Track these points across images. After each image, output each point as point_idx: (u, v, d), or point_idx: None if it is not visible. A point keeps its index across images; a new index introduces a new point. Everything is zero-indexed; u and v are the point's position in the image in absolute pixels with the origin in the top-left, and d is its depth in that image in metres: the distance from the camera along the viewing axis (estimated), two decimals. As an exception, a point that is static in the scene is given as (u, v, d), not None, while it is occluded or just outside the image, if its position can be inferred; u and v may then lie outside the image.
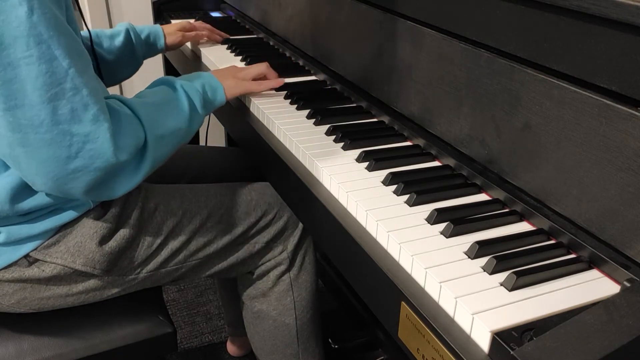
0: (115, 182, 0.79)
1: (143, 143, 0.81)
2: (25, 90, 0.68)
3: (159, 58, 1.95)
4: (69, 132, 0.71)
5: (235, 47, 1.39)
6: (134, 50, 1.26)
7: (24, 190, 0.81)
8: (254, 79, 1.10)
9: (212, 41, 1.45)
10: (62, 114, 0.70)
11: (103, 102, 0.75)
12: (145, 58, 1.31)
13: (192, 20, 1.43)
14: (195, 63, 1.39)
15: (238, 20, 1.68)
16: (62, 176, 0.73)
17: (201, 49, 1.40)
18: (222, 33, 1.48)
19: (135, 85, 2.17)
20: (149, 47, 1.31)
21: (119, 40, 1.23)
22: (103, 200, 0.85)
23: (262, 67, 1.11)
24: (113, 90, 2.16)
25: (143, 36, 1.28)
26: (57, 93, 0.70)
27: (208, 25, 1.45)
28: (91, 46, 1.12)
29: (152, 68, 2.06)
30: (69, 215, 0.86)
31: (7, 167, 0.80)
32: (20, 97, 0.69)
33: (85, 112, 0.72)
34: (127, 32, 1.24)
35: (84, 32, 1.13)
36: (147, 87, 0.95)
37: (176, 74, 1.60)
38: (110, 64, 1.22)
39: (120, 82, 1.31)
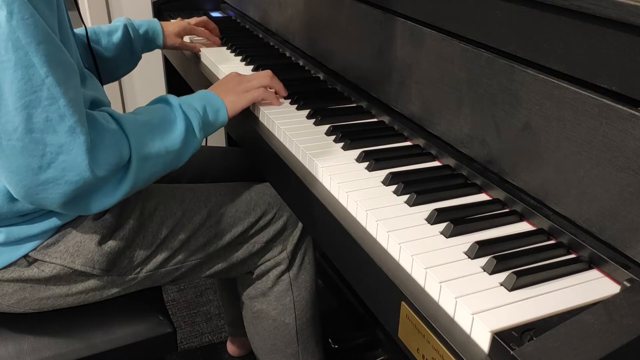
0: (91, 198, 0.76)
1: (126, 162, 0.78)
2: (2, 95, 0.67)
3: (158, 58, 1.95)
4: (42, 142, 0.69)
5: (236, 48, 1.39)
6: (132, 46, 1.25)
7: None
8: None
9: (211, 45, 1.44)
10: (36, 123, 0.68)
11: (82, 114, 0.73)
12: (143, 52, 1.30)
13: (192, 20, 1.43)
14: (195, 63, 1.39)
15: (238, 20, 1.68)
16: (33, 186, 0.71)
17: (201, 48, 1.40)
18: (217, 39, 1.46)
19: (135, 83, 2.18)
20: (147, 43, 1.29)
21: (117, 37, 1.22)
22: (78, 214, 0.82)
23: (265, 79, 1.06)
24: (113, 87, 2.16)
25: (141, 31, 1.27)
26: (32, 101, 0.68)
27: (206, 31, 1.44)
28: (88, 44, 1.11)
29: (152, 67, 2.06)
30: (68, 215, 0.86)
31: None
32: None
33: (60, 123, 0.70)
34: (125, 27, 1.23)
35: (81, 30, 1.13)
36: (147, 104, 0.93)
37: (176, 73, 1.60)
38: (109, 61, 1.22)
39: (120, 77, 1.30)
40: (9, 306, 0.91)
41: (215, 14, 1.79)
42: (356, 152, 0.90)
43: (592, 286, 0.62)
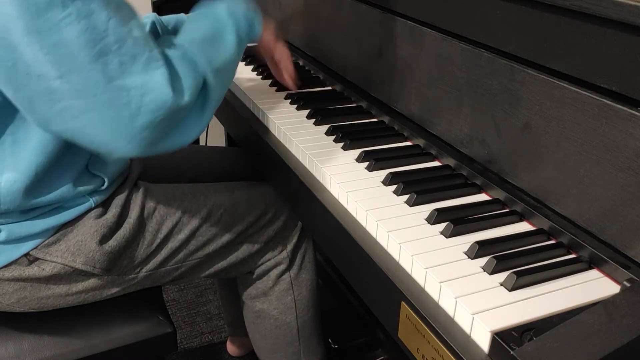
0: (184, 128, 0.76)
1: (203, 82, 0.78)
2: (73, 53, 0.66)
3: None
4: (124, 87, 0.68)
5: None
6: None
7: (41, 184, 0.81)
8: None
9: None
10: (112, 70, 0.68)
11: (153, 49, 0.71)
12: None
13: None
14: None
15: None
16: (134, 136, 0.71)
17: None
18: None
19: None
20: None
21: None
22: (177, 148, 0.80)
23: (289, 58, 1.10)
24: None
25: (170, 27, 1.26)
26: (102, 48, 0.67)
27: None
28: None
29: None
30: (69, 214, 0.87)
31: (30, 156, 0.78)
32: (69, 61, 0.66)
33: (134, 63, 0.69)
34: (154, 24, 1.22)
35: None
36: (189, 19, 0.91)
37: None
38: None
39: None
40: (9, 305, 0.91)
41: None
42: (356, 152, 0.90)
43: (592, 286, 0.62)
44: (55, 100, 0.68)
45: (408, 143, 0.95)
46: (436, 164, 0.89)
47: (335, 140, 0.94)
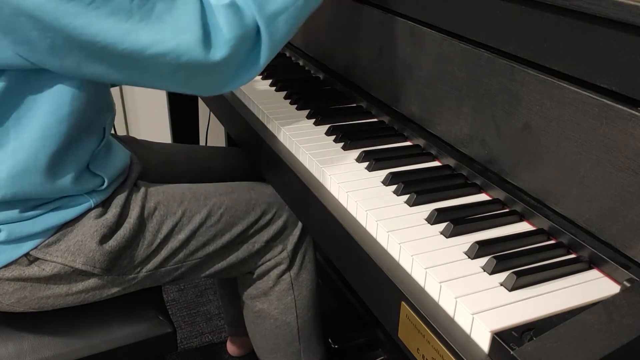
0: (233, 74, 0.78)
1: (253, 29, 0.77)
2: (108, 34, 0.69)
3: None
4: (157, 55, 0.71)
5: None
6: None
7: (50, 167, 0.81)
8: None
9: None
10: (144, 41, 0.70)
11: (193, 9, 0.72)
12: None
13: None
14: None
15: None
16: (178, 85, 0.78)
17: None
18: None
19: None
20: None
21: None
22: (237, 86, 0.83)
23: None
24: (113, 91, 2.16)
25: None
26: (131, 26, 0.69)
27: None
28: None
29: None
30: (69, 213, 0.87)
31: (32, 139, 0.79)
32: (102, 41, 0.69)
33: (164, 31, 0.71)
34: None
35: None
36: None
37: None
38: None
39: None
40: (9, 305, 0.91)
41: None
42: (356, 152, 0.90)
43: (592, 286, 0.62)
44: (97, 64, 0.72)
45: (408, 143, 0.95)
46: (436, 164, 0.89)
47: (335, 140, 0.94)
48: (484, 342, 0.55)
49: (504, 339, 0.53)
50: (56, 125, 0.79)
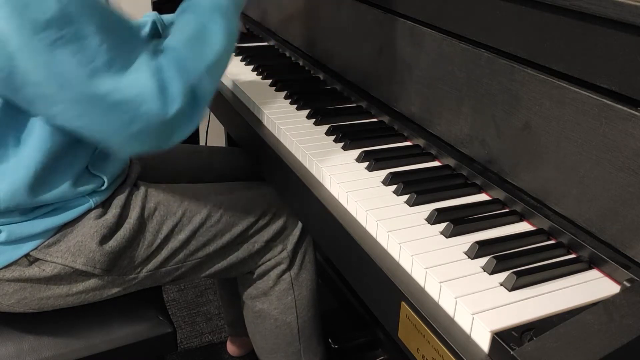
0: (177, 129, 0.79)
1: (193, 83, 0.79)
2: (65, 71, 0.69)
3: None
4: (116, 103, 0.72)
5: (235, 48, 1.39)
6: None
7: (43, 181, 0.81)
8: None
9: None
10: (104, 87, 0.71)
11: (143, 64, 0.74)
12: None
13: None
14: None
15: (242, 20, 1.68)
16: (125, 141, 0.76)
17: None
18: (242, 28, 1.48)
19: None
20: None
21: (144, 32, 1.21)
22: (173, 145, 0.83)
23: None
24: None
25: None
26: (94, 68, 0.70)
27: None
28: None
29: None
30: (69, 214, 0.87)
31: (31, 155, 0.80)
32: (62, 78, 0.70)
33: (124, 78, 0.72)
34: (154, 23, 1.23)
35: None
36: (175, 16, 0.91)
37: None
38: None
39: None
40: (9, 306, 0.91)
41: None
42: (356, 152, 0.90)
43: (592, 286, 0.62)
44: (51, 104, 0.72)
45: (408, 143, 0.95)
46: (436, 164, 0.89)
47: (335, 140, 0.94)
48: (484, 342, 0.55)
49: (504, 339, 0.53)
50: (52, 138, 0.79)
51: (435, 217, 0.72)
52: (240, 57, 1.34)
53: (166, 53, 0.80)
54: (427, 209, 0.75)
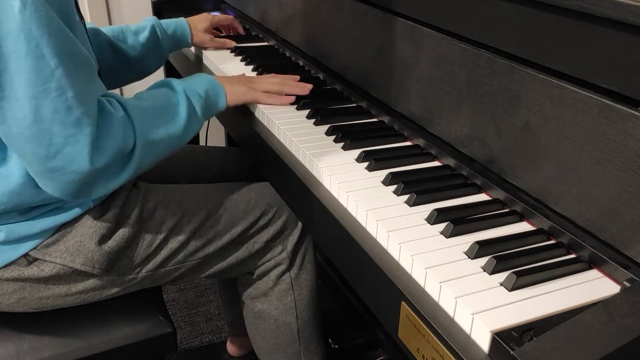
0: (95, 184, 0.78)
1: (131, 148, 0.80)
2: (13, 84, 0.69)
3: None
4: (49, 132, 0.72)
5: (235, 48, 1.39)
6: (160, 46, 1.25)
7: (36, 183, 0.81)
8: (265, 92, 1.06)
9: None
10: (44, 113, 0.71)
11: (91, 106, 0.74)
12: (171, 52, 1.31)
13: (213, 14, 1.42)
14: (195, 63, 1.39)
15: (238, 20, 1.68)
16: (40, 172, 0.75)
17: (202, 49, 1.40)
18: (240, 29, 1.51)
19: (135, 83, 2.17)
20: (175, 42, 1.30)
21: (143, 36, 1.22)
22: (80, 199, 0.85)
23: (275, 84, 1.07)
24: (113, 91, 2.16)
25: (169, 32, 1.27)
26: (41, 92, 0.70)
27: (232, 21, 1.47)
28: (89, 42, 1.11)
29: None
30: (68, 214, 0.87)
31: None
32: (7, 89, 0.70)
33: (68, 115, 0.72)
34: (153, 28, 1.23)
35: (89, 24, 1.12)
36: (149, 88, 0.94)
37: (176, 74, 1.60)
38: (135, 60, 1.22)
39: (145, 77, 1.28)
40: (8, 305, 0.91)
41: (215, 14, 1.78)
42: (356, 152, 0.90)
43: (592, 286, 0.62)
44: None
45: (408, 143, 0.95)
46: (436, 164, 0.89)
47: (335, 140, 0.94)
48: (484, 342, 0.55)
49: (504, 339, 0.53)
50: None
51: (435, 217, 0.72)
52: (240, 57, 1.34)
53: (124, 108, 0.81)
54: (427, 209, 0.75)
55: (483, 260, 0.65)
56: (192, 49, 1.45)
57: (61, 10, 0.73)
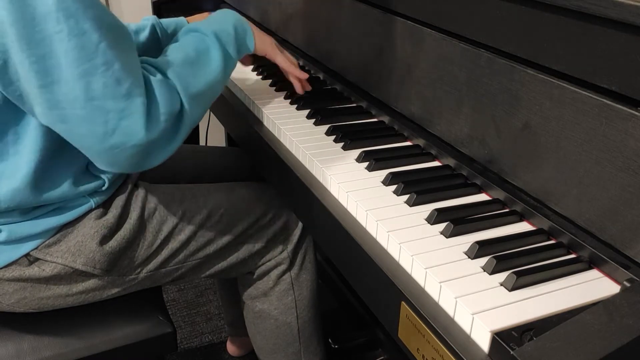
0: (155, 151, 0.78)
1: (179, 108, 0.79)
2: (60, 66, 0.68)
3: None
4: (103, 108, 0.70)
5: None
6: (160, 45, 1.25)
7: (43, 180, 0.81)
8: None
9: None
10: (95, 90, 0.70)
11: (138, 75, 0.73)
12: None
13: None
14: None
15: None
16: (102, 151, 0.73)
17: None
18: None
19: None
20: None
21: (143, 36, 1.21)
22: (148, 167, 0.82)
23: (292, 61, 1.09)
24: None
25: (170, 31, 1.27)
26: (89, 68, 0.69)
27: None
28: None
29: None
30: (70, 214, 0.87)
31: (29, 153, 0.79)
32: (55, 73, 0.68)
33: (118, 87, 0.71)
34: (153, 27, 1.23)
35: None
36: (174, 40, 0.92)
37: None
38: None
39: None
40: (9, 305, 0.91)
41: (215, 14, 1.78)
42: (356, 152, 0.90)
43: (592, 286, 0.62)
44: (37, 104, 0.71)
45: (408, 143, 0.95)
46: (436, 164, 0.89)
47: (335, 140, 0.94)
48: (484, 342, 0.55)
49: (504, 339, 0.53)
50: (46, 137, 0.79)
51: (435, 217, 0.72)
52: (240, 57, 1.34)
53: (160, 70, 0.80)
54: (427, 209, 0.75)
55: (483, 260, 0.65)
56: None
57: None
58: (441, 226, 0.71)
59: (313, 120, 1.01)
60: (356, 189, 0.79)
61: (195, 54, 0.86)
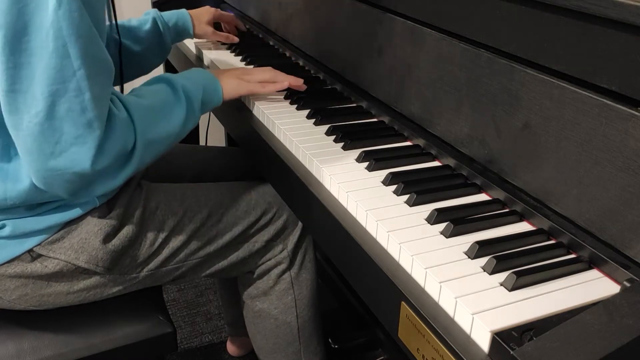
0: (95, 183, 0.79)
1: (131, 148, 0.80)
2: (33, 79, 0.69)
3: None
4: (59, 129, 0.72)
5: (236, 47, 1.39)
6: (162, 39, 1.25)
7: None
8: (260, 82, 1.07)
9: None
10: (58, 111, 0.71)
11: (103, 110, 0.75)
12: (173, 43, 1.31)
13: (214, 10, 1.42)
14: (196, 63, 1.39)
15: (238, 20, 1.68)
16: (42, 170, 0.74)
17: (202, 49, 1.40)
18: (241, 25, 1.51)
19: (135, 82, 2.17)
20: (177, 34, 1.30)
21: (146, 30, 1.22)
22: (81, 199, 0.85)
23: (268, 73, 1.08)
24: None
25: (171, 24, 1.27)
26: (60, 89, 0.70)
27: (233, 19, 1.47)
28: (119, 38, 1.11)
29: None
30: (75, 211, 0.87)
31: None
32: (25, 83, 0.70)
33: (81, 116, 0.72)
34: (154, 20, 1.23)
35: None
36: (146, 83, 0.93)
37: (174, 71, 1.60)
38: (138, 54, 1.21)
39: (150, 70, 1.28)
40: (10, 302, 0.91)
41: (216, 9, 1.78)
42: (356, 152, 0.90)
43: (592, 286, 0.62)
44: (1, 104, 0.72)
45: (408, 143, 0.95)
46: (436, 164, 0.89)
47: (335, 140, 0.94)
48: (484, 342, 0.55)
49: (504, 339, 0.53)
50: None
51: (435, 217, 0.72)
52: (240, 57, 1.34)
53: (127, 107, 0.81)
54: (427, 209, 0.75)
55: (483, 260, 0.65)
56: (193, 49, 1.45)
57: (94, 15, 0.73)
58: (441, 226, 0.71)
59: (313, 120, 1.01)
60: (356, 189, 0.79)
61: (162, 104, 0.88)
